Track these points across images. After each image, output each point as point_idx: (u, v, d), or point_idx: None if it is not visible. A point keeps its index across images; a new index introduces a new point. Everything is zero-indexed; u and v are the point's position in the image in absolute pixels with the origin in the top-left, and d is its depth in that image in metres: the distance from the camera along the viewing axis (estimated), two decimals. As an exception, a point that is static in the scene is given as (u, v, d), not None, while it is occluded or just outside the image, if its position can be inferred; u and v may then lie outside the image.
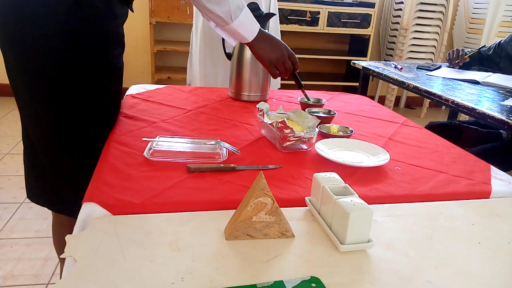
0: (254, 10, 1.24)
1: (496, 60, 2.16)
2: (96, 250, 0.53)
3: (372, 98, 2.58)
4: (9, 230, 1.79)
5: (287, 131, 0.87)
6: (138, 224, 0.60)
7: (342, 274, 0.52)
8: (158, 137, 0.89)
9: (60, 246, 1.16)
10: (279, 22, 1.69)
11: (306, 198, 0.68)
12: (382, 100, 4.21)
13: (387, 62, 2.38)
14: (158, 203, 0.65)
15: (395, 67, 2.16)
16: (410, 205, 0.72)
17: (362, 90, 2.32)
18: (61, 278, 0.50)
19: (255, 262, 0.53)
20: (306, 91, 1.25)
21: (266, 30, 1.10)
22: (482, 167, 0.89)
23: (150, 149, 0.82)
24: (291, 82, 1.23)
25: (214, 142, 0.87)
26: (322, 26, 3.68)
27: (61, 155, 0.98)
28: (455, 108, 1.57)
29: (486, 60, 2.20)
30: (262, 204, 0.57)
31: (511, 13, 3.68)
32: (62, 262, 1.22)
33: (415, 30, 3.87)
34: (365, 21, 3.75)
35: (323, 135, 0.99)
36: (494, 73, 2.04)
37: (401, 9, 3.84)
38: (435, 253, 0.58)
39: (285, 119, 0.88)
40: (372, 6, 3.73)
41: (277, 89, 1.62)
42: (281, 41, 1.12)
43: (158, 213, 0.63)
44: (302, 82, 1.19)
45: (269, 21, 1.53)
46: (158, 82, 3.64)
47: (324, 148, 0.89)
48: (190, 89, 1.41)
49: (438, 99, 1.65)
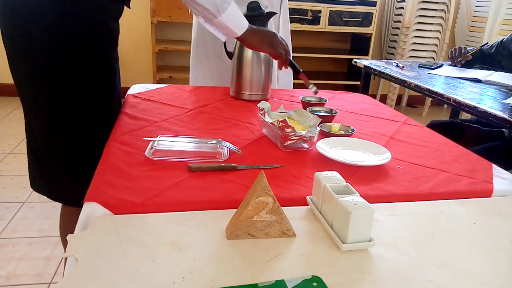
0: (254, 9, 1.24)
1: (498, 58, 2.15)
2: (97, 250, 0.53)
3: (373, 96, 2.57)
4: (11, 230, 1.79)
5: (288, 130, 0.87)
6: (140, 223, 0.60)
7: (344, 273, 0.52)
8: (159, 136, 0.89)
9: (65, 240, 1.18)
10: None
11: (307, 197, 0.68)
12: (383, 99, 4.20)
13: (389, 60, 2.37)
14: (159, 203, 0.65)
15: (397, 66, 2.16)
16: (412, 204, 0.71)
17: (363, 89, 2.31)
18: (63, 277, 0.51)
19: (256, 262, 0.53)
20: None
21: (253, 26, 1.12)
22: (484, 166, 0.89)
23: (152, 148, 0.83)
24: (303, 81, 1.22)
25: (215, 142, 0.87)
26: (323, 25, 3.68)
27: (58, 144, 1.02)
28: (457, 106, 1.57)
29: (488, 58, 2.19)
30: (263, 203, 0.57)
31: (513, 11, 3.67)
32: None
33: (417, 29, 3.86)
34: (366, 19, 3.75)
35: (325, 134, 0.99)
36: (496, 71, 2.04)
37: (402, 7, 3.83)
38: (437, 252, 0.58)
39: (286, 118, 0.88)
40: (373, 4, 3.73)
41: (291, 89, 1.62)
42: (271, 31, 1.15)
43: (159, 212, 0.63)
44: (299, 69, 1.21)
45: (279, 21, 1.53)
46: (159, 82, 3.64)
47: (325, 147, 0.89)
48: (191, 88, 1.41)
49: (440, 98, 1.65)
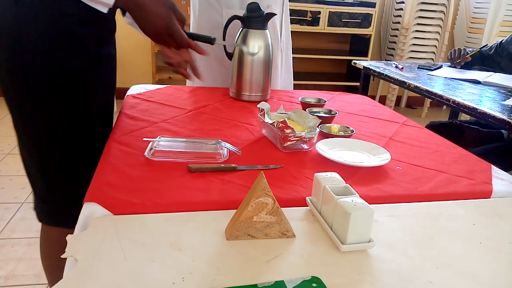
0: (254, 11, 1.24)
1: (497, 59, 2.15)
2: (97, 250, 0.53)
3: (373, 98, 2.58)
4: (10, 230, 1.79)
5: (288, 131, 0.87)
6: (139, 224, 0.60)
7: (343, 274, 0.52)
8: (159, 137, 0.89)
9: (49, 267, 1.10)
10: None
11: (307, 198, 0.68)
12: (383, 100, 4.20)
13: (388, 62, 2.38)
14: (159, 203, 0.65)
15: (396, 67, 2.16)
16: (411, 205, 0.72)
17: (363, 90, 2.32)
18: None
19: (256, 262, 0.53)
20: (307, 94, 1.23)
21: None
22: (483, 167, 0.89)
23: (151, 149, 0.82)
24: (302, 82, 1.21)
25: (215, 142, 0.87)
26: (323, 26, 3.69)
27: (32, 150, 0.96)
28: (456, 108, 1.57)
29: (487, 59, 2.20)
30: (263, 204, 0.57)
31: (512, 12, 3.68)
32: (51, 284, 1.15)
33: (416, 30, 3.87)
34: (366, 21, 3.75)
35: (324, 135, 0.99)
36: (495, 72, 2.04)
37: (402, 8, 3.83)
38: (436, 253, 0.58)
39: (286, 119, 0.88)
40: (373, 6, 3.74)
41: (291, 90, 1.62)
42: (161, 2, 0.86)
43: (159, 213, 0.63)
44: (210, 37, 0.98)
45: (282, 23, 1.53)
46: (159, 82, 3.64)
47: (325, 148, 0.89)
48: (190, 89, 1.41)
49: (439, 99, 1.65)
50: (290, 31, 1.64)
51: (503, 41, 2.12)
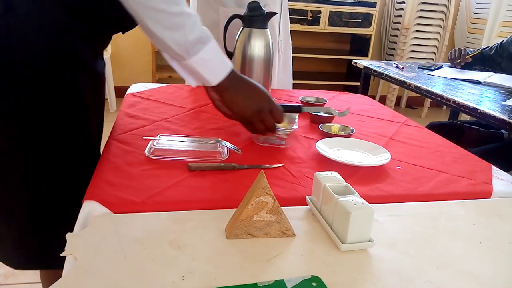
0: (255, 10, 1.24)
1: (497, 60, 2.15)
2: (96, 249, 0.53)
3: (373, 97, 2.58)
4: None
5: None
6: (139, 222, 0.60)
7: (343, 274, 0.52)
8: (159, 135, 0.89)
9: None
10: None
11: (307, 197, 0.68)
12: (383, 99, 4.20)
13: (388, 61, 2.38)
14: (158, 202, 0.65)
15: (396, 67, 2.16)
16: (411, 204, 0.72)
17: (363, 90, 2.32)
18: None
19: (256, 261, 0.53)
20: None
21: (242, 75, 0.84)
22: (483, 167, 0.89)
23: (151, 147, 0.82)
24: (302, 82, 1.20)
25: (215, 141, 0.87)
26: (323, 26, 3.68)
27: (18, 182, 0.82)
28: (457, 108, 1.57)
29: (487, 60, 2.20)
30: (263, 203, 0.57)
31: (513, 13, 3.68)
32: None
33: (417, 30, 3.87)
34: (366, 20, 3.75)
35: (324, 135, 0.99)
36: (496, 73, 2.04)
37: (402, 8, 3.83)
38: (436, 253, 0.58)
39: None
40: (373, 5, 3.73)
41: (291, 89, 1.61)
42: (261, 88, 0.84)
43: (159, 211, 0.63)
44: (300, 105, 0.96)
45: (280, 21, 1.53)
46: (159, 81, 3.64)
47: (325, 147, 0.89)
48: (191, 88, 1.40)
49: (439, 99, 1.65)
50: (290, 31, 1.63)
51: (504, 41, 2.12)
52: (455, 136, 1.82)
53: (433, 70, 2.12)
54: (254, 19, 1.24)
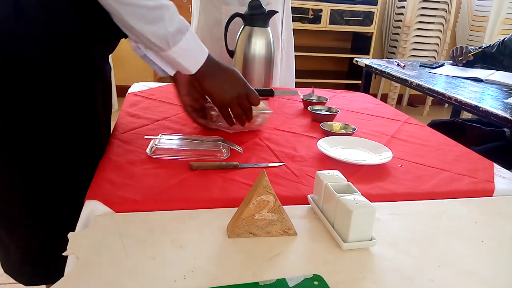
0: (256, 8, 1.24)
1: (499, 58, 2.15)
2: (98, 248, 0.53)
3: (374, 96, 2.57)
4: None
5: (213, 113, 0.92)
6: (141, 221, 0.60)
7: (345, 272, 0.52)
8: (160, 134, 0.89)
9: None
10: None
11: (309, 196, 0.68)
12: (384, 98, 4.20)
13: (390, 60, 2.37)
14: (160, 201, 0.65)
15: (398, 65, 2.15)
16: (413, 203, 0.71)
17: (364, 88, 2.31)
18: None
19: (258, 260, 0.53)
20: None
21: (217, 60, 0.84)
22: (485, 165, 0.89)
23: (153, 147, 0.82)
24: (304, 80, 1.21)
25: (216, 140, 0.87)
26: (324, 24, 3.68)
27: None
28: (458, 106, 1.57)
29: (489, 58, 2.19)
30: (265, 202, 0.57)
31: (515, 10, 3.66)
32: None
33: (418, 28, 3.86)
34: (367, 18, 3.74)
35: (326, 133, 0.99)
36: (498, 71, 2.03)
37: (404, 6, 3.82)
38: (438, 251, 0.58)
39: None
40: (375, 3, 3.72)
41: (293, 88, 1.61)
42: (237, 72, 0.86)
43: (161, 210, 0.63)
44: (272, 89, 0.99)
45: (282, 20, 1.53)
46: (160, 80, 3.63)
47: (326, 146, 0.88)
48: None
49: (441, 97, 1.65)
50: (292, 29, 1.63)
51: (506, 39, 2.11)
52: (457, 134, 1.81)
53: (434, 68, 2.12)
54: (255, 18, 1.24)
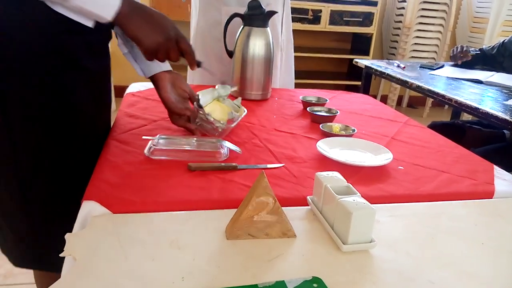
0: (255, 8, 1.23)
1: (499, 59, 2.15)
2: (95, 249, 0.53)
3: (374, 97, 2.57)
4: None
5: (201, 112, 0.92)
6: (139, 222, 0.59)
7: (344, 274, 0.51)
8: (158, 135, 0.88)
9: None
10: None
11: (308, 197, 0.68)
12: (384, 99, 4.20)
13: (390, 61, 2.37)
14: (158, 202, 0.64)
15: (398, 66, 2.15)
16: (413, 205, 0.71)
17: (364, 89, 2.31)
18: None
19: (257, 262, 0.52)
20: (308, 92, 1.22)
21: (141, 3, 0.79)
22: (485, 167, 0.88)
23: (151, 147, 0.82)
24: (303, 81, 1.20)
25: (215, 141, 0.86)
26: (324, 25, 3.67)
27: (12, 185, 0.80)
28: (458, 107, 1.57)
29: (489, 59, 2.19)
30: (264, 203, 0.56)
31: (515, 12, 3.67)
32: None
33: (418, 29, 3.86)
34: (367, 19, 3.74)
35: (325, 134, 0.99)
36: (498, 72, 2.03)
37: (404, 7, 3.82)
38: (438, 253, 0.58)
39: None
40: (374, 4, 3.72)
41: (292, 88, 1.61)
42: (165, 16, 0.80)
43: (159, 211, 0.62)
44: (199, 61, 0.93)
45: (282, 20, 1.53)
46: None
47: (326, 147, 0.88)
48: (191, 87, 1.40)
49: (441, 99, 1.64)
50: (292, 30, 1.63)
51: (506, 40, 2.11)
52: (457, 136, 1.81)
53: (434, 70, 2.12)
54: (254, 18, 1.24)
